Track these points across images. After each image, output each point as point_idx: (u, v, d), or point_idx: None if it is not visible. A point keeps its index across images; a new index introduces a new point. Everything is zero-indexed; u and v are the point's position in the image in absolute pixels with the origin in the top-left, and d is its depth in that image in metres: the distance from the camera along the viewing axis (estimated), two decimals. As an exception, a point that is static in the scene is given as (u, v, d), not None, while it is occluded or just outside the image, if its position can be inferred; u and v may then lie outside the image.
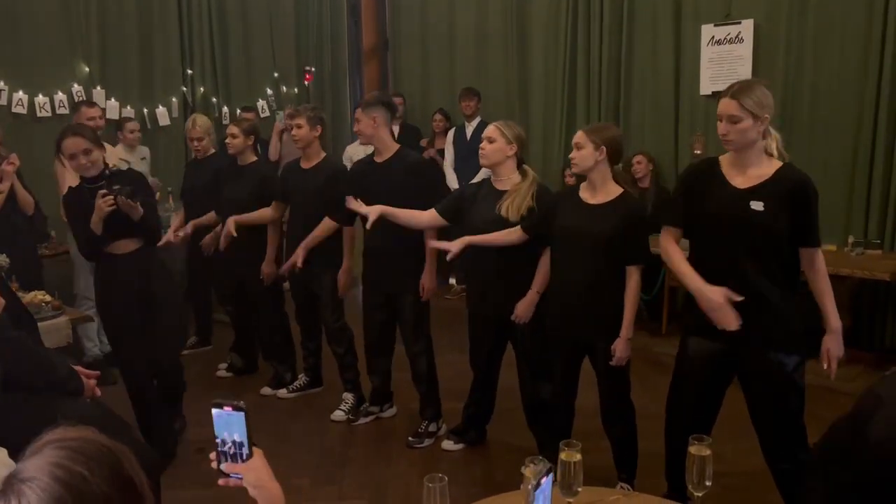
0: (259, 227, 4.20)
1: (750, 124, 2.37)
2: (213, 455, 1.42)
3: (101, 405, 2.47)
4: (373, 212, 3.18)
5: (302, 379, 4.37)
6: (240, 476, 1.41)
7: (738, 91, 2.38)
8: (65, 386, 2.27)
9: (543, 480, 1.53)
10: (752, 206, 2.38)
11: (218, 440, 1.41)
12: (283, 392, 4.32)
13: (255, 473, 1.40)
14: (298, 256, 3.84)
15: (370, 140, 3.57)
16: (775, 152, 2.45)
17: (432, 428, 3.68)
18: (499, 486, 2.99)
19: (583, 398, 3.09)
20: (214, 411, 1.39)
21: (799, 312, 2.49)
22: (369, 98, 3.68)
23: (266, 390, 4.36)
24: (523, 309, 3.12)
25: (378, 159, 3.59)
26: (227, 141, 4.26)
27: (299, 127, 3.84)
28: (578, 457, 1.75)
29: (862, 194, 4.67)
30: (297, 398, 4.29)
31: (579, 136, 2.83)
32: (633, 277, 2.81)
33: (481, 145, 3.15)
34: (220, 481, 1.42)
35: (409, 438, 3.64)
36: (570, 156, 2.87)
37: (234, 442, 1.40)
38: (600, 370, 2.93)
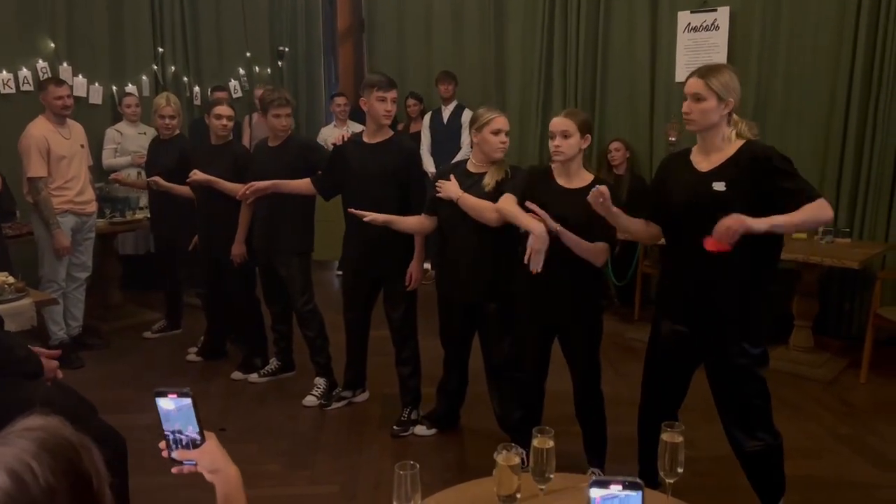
0: (236, 208, 4.13)
1: (713, 105, 2.38)
2: (162, 444, 1.39)
3: (64, 388, 2.41)
4: (375, 219, 3.19)
5: (273, 363, 4.32)
6: (193, 462, 1.38)
7: (706, 71, 2.41)
8: (22, 368, 2.21)
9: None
10: (714, 188, 2.37)
11: (166, 429, 1.37)
12: (254, 377, 4.27)
13: (209, 457, 1.37)
14: (265, 184, 3.73)
15: (380, 121, 3.45)
16: (733, 136, 2.42)
17: (414, 416, 3.66)
18: (472, 472, 2.99)
19: (552, 383, 3.09)
20: (158, 400, 1.35)
21: (765, 302, 2.50)
22: (384, 79, 3.46)
23: (237, 375, 4.31)
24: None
25: (367, 139, 3.50)
26: (223, 123, 4.14)
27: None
28: (551, 443, 1.74)
29: (832, 183, 4.72)
30: (268, 383, 4.24)
31: (567, 124, 2.74)
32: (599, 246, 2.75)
33: (500, 139, 3.06)
34: (174, 469, 1.39)
35: (394, 427, 3.58)
36: (556, 144, 2.75)
37: (183, 429, 1.36)
38: (571, 354, 2.94)
